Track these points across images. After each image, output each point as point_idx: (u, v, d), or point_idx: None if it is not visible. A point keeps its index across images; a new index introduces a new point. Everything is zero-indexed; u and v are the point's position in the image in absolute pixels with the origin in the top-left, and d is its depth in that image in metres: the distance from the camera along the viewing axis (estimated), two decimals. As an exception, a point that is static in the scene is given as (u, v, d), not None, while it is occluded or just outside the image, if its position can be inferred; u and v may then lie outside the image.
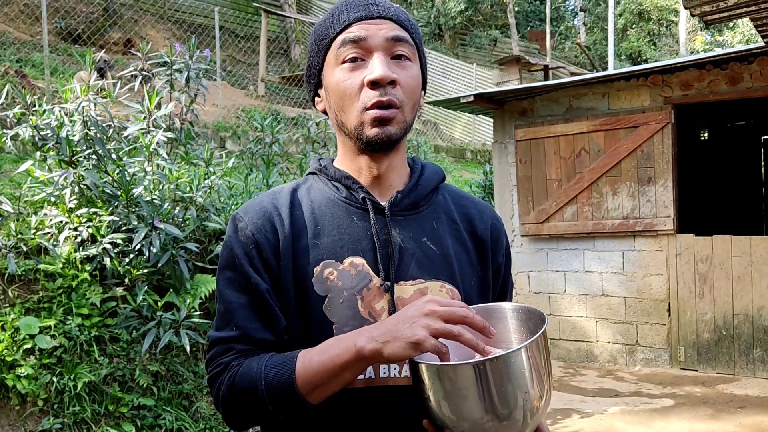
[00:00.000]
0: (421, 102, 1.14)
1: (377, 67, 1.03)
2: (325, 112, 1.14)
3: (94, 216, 3.90)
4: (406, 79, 1.06)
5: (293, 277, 1.05)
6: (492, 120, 6.85)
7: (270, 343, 1.03)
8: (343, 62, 1.06)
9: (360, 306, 1.04)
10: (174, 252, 3.89)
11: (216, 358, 1.05)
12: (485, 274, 1.17)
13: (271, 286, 1.05)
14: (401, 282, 1.07)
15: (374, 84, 1.03)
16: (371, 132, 1.04)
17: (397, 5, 1.13)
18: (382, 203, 1.10)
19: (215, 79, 9.59)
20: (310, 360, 0.96)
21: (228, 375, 1.01)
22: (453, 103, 6.85)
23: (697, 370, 5.65)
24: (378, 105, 1.03)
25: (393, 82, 1.04)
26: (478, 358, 0.90)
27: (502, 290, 1.22)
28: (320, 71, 1.11)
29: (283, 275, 1.05)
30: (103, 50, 7.48)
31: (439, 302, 0.91)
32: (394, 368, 1.04)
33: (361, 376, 1.03)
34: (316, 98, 1.16)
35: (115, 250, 3.85)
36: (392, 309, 1.04)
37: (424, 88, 1.15)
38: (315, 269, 1.05)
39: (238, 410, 1.01)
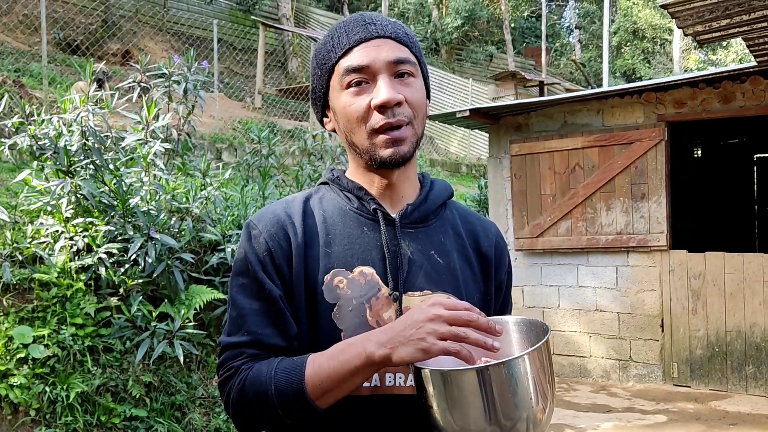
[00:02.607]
0: (427, 111, 1.17)
1: (383, 91, 1.05)
2: (334, 130, 1.16)
3: (90, 226, 3.91)
4: (412, 95, 1.09)
5: (304, 285, 1.07)
6: (487, 135, 6.89)
7: (280, 349, 1.05)
8: (348, 86, 1.08)
9: (368, 315, 1.06)
10: (169, 262, 3.89)
11: (226, 363, 1.07)
12: (488, 289, 1.20)
13: (283, 292, 1.07)
14: (409, 292, 1.09)
15: (381, 107, 1.05)
16: (385, 153, 1.07)
17: (395, 20, 1.15)
18: (393, 215, 1.12)
19: (213, 91, 9.64)
20: (320, 365, 0.98)
21: (238, 379, 1.03)
22: (449, 118, 6.89)
23: (689, 387, 5.67)
24: (387, 127, 1.06)
25: (399, 102, 1.06)
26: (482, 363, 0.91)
27: (502, 307, 1.25)
28: (325, 94, 1.14)
29: (295, 282, 1.07)
30: (102, 61, 7.52)
31: (444, 305, 0.93)
32: (400, 377, 1.06)
33: (366, 384, 1.05)
34: (325, 119, 1.18)
35: (111, 260, 3.85)
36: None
37: (428, 97, 1.17)
38: (325, 277, 1.07)
39: (248, 414, 1.03)
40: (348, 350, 0.97)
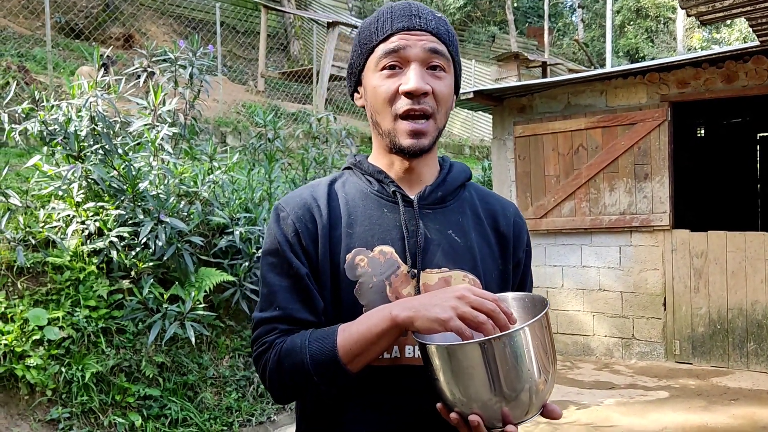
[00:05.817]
0: (453, 106, 1.22)
1: (412, 78, 1.11)
2: (363, 107, 1.22)
3: (101, 210, 3.97)
4: (440, 88, 1.14)
5: (329, 264, 1.14)
6: (491, 116, 6.91)
7: (309, 323, 1.12)
8: (382, 69, 1.14)
9: (388, 291, 1.12)
10: (179, 245, 3.95)
11: (261, 338, 1.13)
12: (506, 267, 1.25)
13: (310, 271, 1.14)
14: (427, 270, 1.14)
15: (408, 94, 1.11)
16: (406, 142, 1.13)
17: (440, 15, 1.20)
18: (412, 196, 1.18)
19: (216, 75, 9.64)
20: (350, 332, 1.05)
21: (273, 351, 1.10)
22: (452, 100, 6.90)
23: (691, 364, 5.74)
24: (410, 112, 1.12)
25: (426, 93, 1.11)
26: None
27: (521, 283, 1.29)
28: (361, 71, 1.20)
29: (321, 261, 1.14)
30: (104, 45, 7.53)
31: (473, 291, 0.99)
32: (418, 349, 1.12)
33: (387, 355, 1.11)
34: (356, 94, 1.24)
35: (122, 244, 3.91)
36: (418, 294, 1.11)
37: (456, 93, 1.22)
38: (347, 256, 1.13)
39: (285, 384, 1.10)
40: (375, 314, 1.04)
